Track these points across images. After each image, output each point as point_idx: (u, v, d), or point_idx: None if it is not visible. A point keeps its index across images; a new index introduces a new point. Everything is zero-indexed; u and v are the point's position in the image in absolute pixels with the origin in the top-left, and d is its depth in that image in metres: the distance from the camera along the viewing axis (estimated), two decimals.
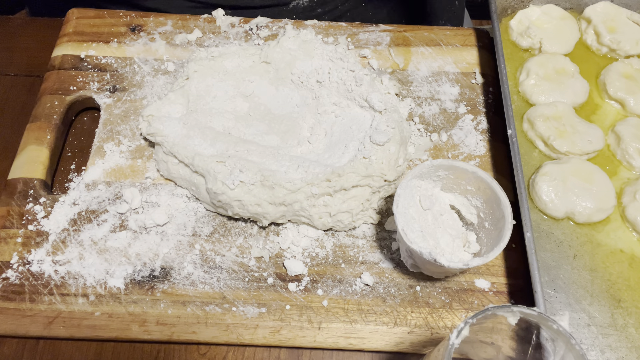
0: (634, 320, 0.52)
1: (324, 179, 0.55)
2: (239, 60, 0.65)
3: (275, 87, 0.64)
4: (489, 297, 0.55)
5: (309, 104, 0.63)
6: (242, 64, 0.65)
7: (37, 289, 0.54)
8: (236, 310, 0.53)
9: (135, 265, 0.56)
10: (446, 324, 0.53)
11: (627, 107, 0.65)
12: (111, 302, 0.53)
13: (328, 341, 0.52)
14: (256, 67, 0.65)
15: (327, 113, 0.62)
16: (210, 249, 0.57)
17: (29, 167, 0.61)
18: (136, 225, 0.58)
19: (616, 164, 0.62)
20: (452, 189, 0.55)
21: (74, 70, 0.68)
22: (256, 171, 0.56)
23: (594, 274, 0.55)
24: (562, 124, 0.62)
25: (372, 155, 0.56)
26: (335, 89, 0.62)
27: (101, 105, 0.66)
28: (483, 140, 0.65)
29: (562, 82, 0.66)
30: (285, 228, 0.58)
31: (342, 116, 0.61)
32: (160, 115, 0.61)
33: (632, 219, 0.57)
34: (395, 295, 0.55)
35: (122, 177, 0.61)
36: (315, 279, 0.55)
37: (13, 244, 0.56)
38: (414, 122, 0.66)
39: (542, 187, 0.57)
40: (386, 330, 0.53)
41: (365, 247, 0.57)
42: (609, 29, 0.70)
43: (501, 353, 0.44)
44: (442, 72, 0.70)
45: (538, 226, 0.57)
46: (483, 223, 0.53)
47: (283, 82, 0.64)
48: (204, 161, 0.57)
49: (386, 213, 0.59)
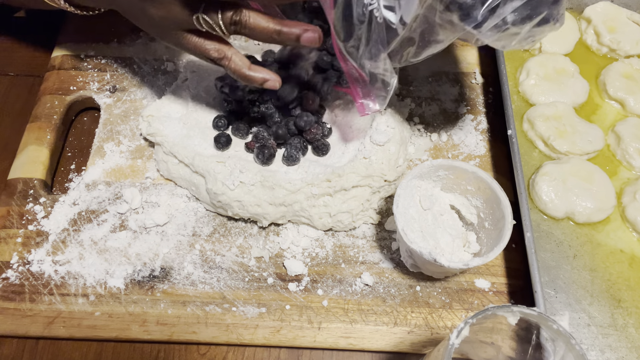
0: (634, 320, 0.52)
1: (324, 179, 0.55)
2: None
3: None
4: (489, 297, 0.55)
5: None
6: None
7: (37, 289, 0.54)
8: (236, 310, 0.53)
9: (135, 265, 0.56)
10: (446, 324, 0.53)
11: (627, 107, 0.65)
12: (111, 302, 0.54)
13: (328, 341, 0.52)
14: None
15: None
16: (210, 249, 0.57)
17: (29, 167, 0.61)
18: (136, 225, 0.58)
19: (616, 164, 0.62)
20: (452, 189, 0.55)
21: (74, 70, 0.68)
22: (256, 172, 0.56)
23: (594, 274, 0.55)
24: (562, 124, 0.62)
25: (372, 156, 0.56)
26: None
27: (101, 105, 0.66)
28: (483, 140, 0.65)
29: (562, 82, 0.66)
30: (285, 228, 0.58)
31: (341, 115, 0.62)
32: (160, 115, 0.61)
33: (632, 219, 0.57)
34: (395, 295, 0.55)
35: (122, 177, 0.61)
36: (315, 279, 0.55)
37: (13, 244, 0.56)
38: (414, 122, 0.66)
39: (542, 187, 0.58)
40: (386, 330, 0.53)
41: (365, 247, 0.57)
42: (609, 29, 0.70)
43: (501, 353, 0.44)
44: (442, 72, 0.70)
45: (538, 226, 0.57)
46: (483, 223, 0.54)
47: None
48: (204, 161, 0.57)
49: (386, 213, 0.59)
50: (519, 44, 0.46)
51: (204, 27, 0.48)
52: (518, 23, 0.44)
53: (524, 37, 0.45)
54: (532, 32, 0.45)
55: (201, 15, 0.47)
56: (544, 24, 0.45)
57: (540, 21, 0.44)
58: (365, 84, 0.49)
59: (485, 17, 0.43)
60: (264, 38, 0.48)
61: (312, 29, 0.47)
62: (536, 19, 0.44)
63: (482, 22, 0.43)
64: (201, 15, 0.47)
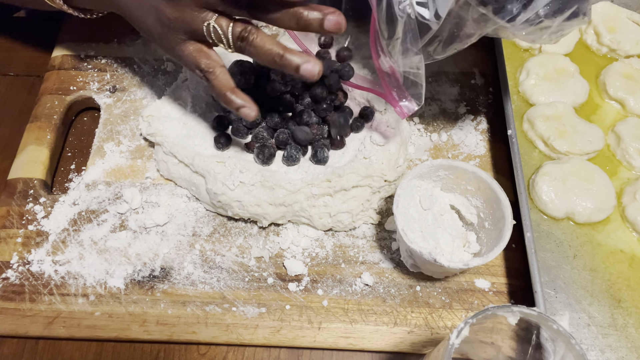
0: (634, 320, 0.52)
1: (324, 180, 0.55)
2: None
3: None
4: (489, 297, 0.55)
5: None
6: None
7: (37, 289, 0.54)
8: (236, 310, 0.53)
9: (135, 265, 0.56)
10: (446, 324, 0.53)
11: (627, 107, 0.65)
12: (111, 302, 0.54)
13: (328, 341, 0.52)
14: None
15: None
16: (210, 249, 0.57)
17: (29, 167, 0.61)
18: (136, 225, 0.58)
19: (616, 164, 0.62)
20: (452, 189, 0.55)
21: (74, 70, 0.68)
22: (256, 172, 0.56)
23: (594, 274, 0.55)
24: (562, 124, 0.62)
25: (372, 156, 0.56)
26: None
27: (101, 105, 0.66)
28: (483, 140, 0.65)
29: (562, 82, 0.66)
30: (285, 228, 0.58)
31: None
32: (160, 115, 0.61)
33: (632, 219, 0.57)
34: (395, 295, 0.55)
35: (122, 177, 0.61)
36: (315, 279, 0.55)
37: (13, 244, 0.56)
38: (414, 122, 0.66)
39: (542, 187, 0.58)
40: (386, 330, 0.53)
41: (365, 247, 0.57)
42: (609, 29, 0.70)
43: (501, 353, 0.44)
44: (442, 72, 0.70)
45: (538, 226, 0.57)
46: (483, 223, 0.54)
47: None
48: (204, 161, 0.57)
49: (386, 213, 0.59)
50: (549, 38, 0.47)
51: (212, 36, 0.48)
52: (550, 16, 0.45)
53: (554, 31, 0.46)
54: (562, 25, 0.46)
55: (212, 24, 0.47)
56: (574, 17, 0.46)
57: (570, 15, 0.45)
58: (399, 86, 0.49)
59: (519, 11, 0.44)
60: (267, 60, 0.48)
61: (314, 62, 0.46)
62: (567, 12, 0.45)
63: (516, 16, 0.44)
64: (212, 24, 0.47)
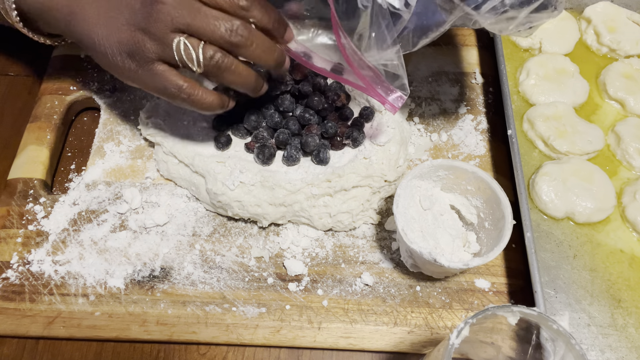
0: (634, 320, 0.52)
1: (324, 180, 0.55)
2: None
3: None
4: (489, 297, 0.55)
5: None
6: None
7: (37, 289, 0.54)
8: (236, 310, 0.53)
9: (135, 265, 0.56)
10: (446, 324, 0.53)
11: (627, 107, 0.65)
12: (111, 302, 0.54)
13: (328, 341, 0.52)
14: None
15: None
16: (210, 249, 0.57)
17: (29, 167, 0.61)
18: (136, 225, 0.58)
19: (616, 164, 0.62)
20: (452, 189, 0.55)
21: (74, 70, 0.68)
22: (256, 172, 0.56)
23: (594, 274, 0.55)
24: (562, 124, 0.62)
25: (373, 156, 0.56)
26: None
27: (101, 105, 0.66)
28: (483, 140, 0.65)
29: (562, 82, 0.66)
30: (285, 228, 0.58)
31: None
32: (160, 115, 0.61)
33: (632, 219, 0.57)
34: (395, 295, 0.55)
35: (122, 177, 0.61)
36: (315, 279, 0.55)
37: (13, 244, 0.56)
38: (414, 122, 0.66)
39: (542, 187, 0.58)
40: (386, 330, 0.53)
41: (365, 247, 0.57)
42: (609, 29, 0.70)
43: (501, 353, 0.44)
44: (442, 72, 0.70)
45: (538, 226, 0.57)
46: (483, 223, 0.54)
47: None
48: (204, 161, 0.57)
49: (386, 213, 0.59)
50: (516, 29, 0.47)
51: (182, 54, 0.45)
52: (516, 6, 0.44)
53: (521, 22, 0.46)
54: (530, 17, 0.46)
55: (183, 40, 0.45)
56: (543, 10, 0.45)
57: (538, 7, 0.45)
58: (381, 81, 0.49)
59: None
60: (231, 81, 0.48)
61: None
62: (534, 3, 0.44)
63: (481, 4, 0.44)
64: (183, 40, 0.45)
